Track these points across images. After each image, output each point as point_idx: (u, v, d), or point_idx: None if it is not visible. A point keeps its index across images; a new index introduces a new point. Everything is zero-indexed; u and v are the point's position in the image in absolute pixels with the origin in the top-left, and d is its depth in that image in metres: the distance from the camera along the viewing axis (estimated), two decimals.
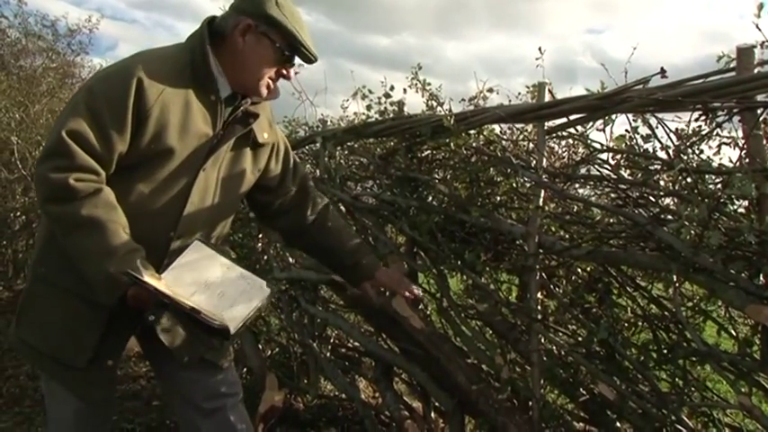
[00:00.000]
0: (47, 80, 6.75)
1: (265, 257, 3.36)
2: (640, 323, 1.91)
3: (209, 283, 1.50)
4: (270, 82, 1.58)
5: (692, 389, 1.78)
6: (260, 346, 3.38)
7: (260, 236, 3.37)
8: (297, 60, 1.61)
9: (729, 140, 1.51)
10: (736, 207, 1.51)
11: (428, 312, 2.63)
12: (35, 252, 1.60)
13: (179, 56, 1.52)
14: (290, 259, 3.21)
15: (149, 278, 1.37)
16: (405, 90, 2.55)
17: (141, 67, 1.44)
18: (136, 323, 1.57)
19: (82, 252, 1.41)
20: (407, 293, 1.87)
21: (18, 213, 5.68)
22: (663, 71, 1.55)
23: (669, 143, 1.62)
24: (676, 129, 1.61)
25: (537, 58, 1.93)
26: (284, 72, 1.59)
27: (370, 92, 2.74)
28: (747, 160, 1.42)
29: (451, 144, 2.18)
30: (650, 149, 1.67)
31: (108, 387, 1.65)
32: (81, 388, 1.56)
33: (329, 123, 3.16)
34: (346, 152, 3.14)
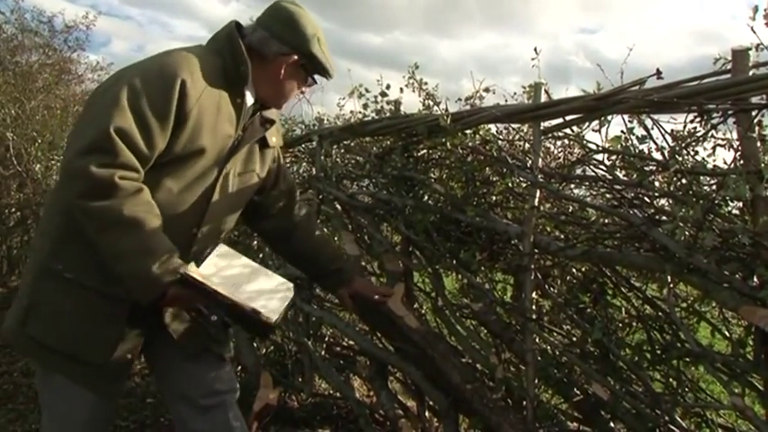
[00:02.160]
0: (43, 76, 6.74)
1: (261, 255, 3.36)
2: (635, 323, 1.92)
3: (240, 282, 1.55)
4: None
5: (686, 389, 1.79)
6: (255, 344, 3.38)
7: (256, 233, 3.36)
8: None
9: (724, 142, 1.52)
10: (730, 208, 1.52)
11: (423, 311, 2.63)
12: (44, 248, 1.53)
13: (209, 58, 1.55)
14: None
15: (203, 278, 1.42)
16: (401, 89, 2.55)
17: (184, 67, 1.46)
18: (154, 317, 1.57)
19: (120, 250, 1.40)
20: (384, 296, 2.04)
21: (13, 210, 5.67)
22: (658, 72, 1.56)
23: (664, 144, 1.63)
24: (672, 130, 1.62)
25: (533, 59, 1.93)
26: (304, 90, 1.73)
27: (367, 90, 2.73)
28: (742, 162, 1.43)
29: (448, 143, 2.18)
30: (645, 150, 1.67)
31: (125, 380, 1.63)
32: (98, 383, 1.54)
33: (326, 122, 3.16)
34: (342, 151, 3.14)
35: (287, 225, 1.91)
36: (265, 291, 1.59)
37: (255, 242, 3.40)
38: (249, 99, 1.62)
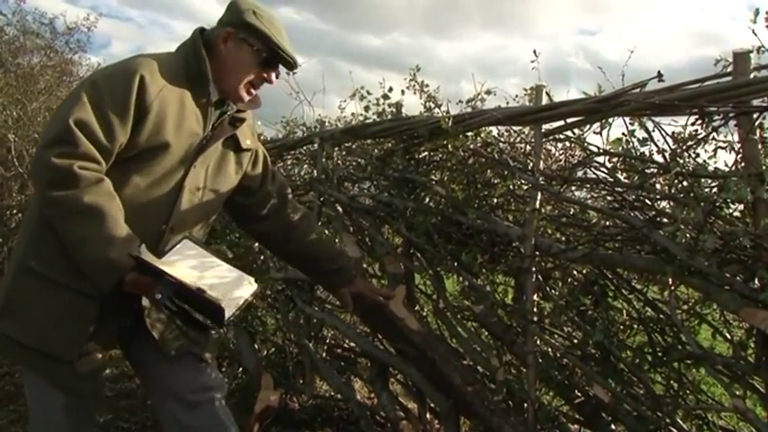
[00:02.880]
0: (44, 78, 6.73)
1: (262, 257, 3.36)
2: (635, 326, 1.92)
3: (201, 274, 1.54)
4: (251, 87, 1.68)
5: (687, 391, 1.78)
6: (256, 346, 3.38)
7: (253, 237, 3.35)
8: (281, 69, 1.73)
9: (725, 144, 1.52)
10: (731, 211, 1.52)
11: (424, 313, 2.63)
12: (21, 245, 1.58)
13: (174, 60, 1.61)
14: None
15: (154, 260, 1.42)
16: (402, 91, 2.55)
17: (143, 65, 1.52)
18: (126, 316, 1.59)
19: (80, 238, 1.43)
20: (385, 298, 2.04)
21: (14, 211, 5.66)
22: (660, 75, 1.56)
23: (665, 146, 1.63)
24: (673, 132, 1.62)
25: (532, 61, 1.94)
26: (265, 76, 1.68)
27: (369, 93, 2.74)
28: (743, 164, 1.43)
29: (449, 146, 2.18)
30: (647, 153, 1.67)
31: (96, 381, 1.64)
32: (69, 381, 1.56)
33: (327, 124, 3.16)
34: (344, 153, 3.14)
35: (282, 225, 1.90)
36: (226, 280, 1.57)
37: (256, 244, 3.40)
38: (214, 98, 1.65)
